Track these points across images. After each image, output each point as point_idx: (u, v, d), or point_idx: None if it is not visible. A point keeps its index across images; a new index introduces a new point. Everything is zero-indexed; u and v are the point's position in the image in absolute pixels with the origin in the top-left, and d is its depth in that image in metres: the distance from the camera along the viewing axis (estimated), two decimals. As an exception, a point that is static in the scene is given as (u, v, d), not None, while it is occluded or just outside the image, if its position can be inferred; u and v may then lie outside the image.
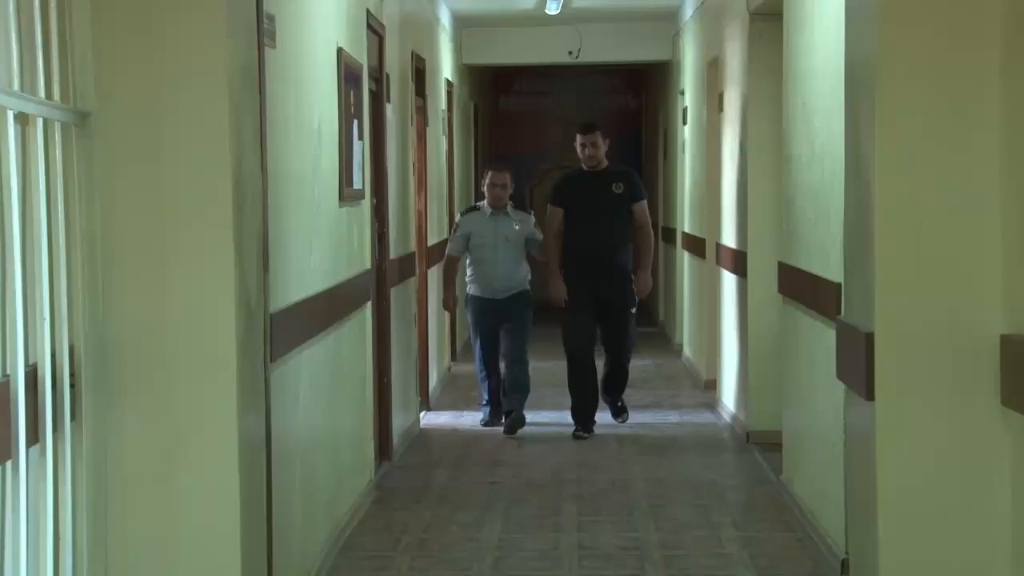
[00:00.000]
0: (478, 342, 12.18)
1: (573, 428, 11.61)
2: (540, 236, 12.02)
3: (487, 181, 12.05)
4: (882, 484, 4.67)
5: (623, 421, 12.00)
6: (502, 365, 12.27)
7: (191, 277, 4.57)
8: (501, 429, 11.79)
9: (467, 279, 12.21)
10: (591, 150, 11.47)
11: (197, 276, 4.58)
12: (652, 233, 12.36)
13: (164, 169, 4.53)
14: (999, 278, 4.54)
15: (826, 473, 7.56)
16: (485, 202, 12.05)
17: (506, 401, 11.99)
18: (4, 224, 3.68)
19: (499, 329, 11.96)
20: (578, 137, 11.57)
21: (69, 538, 4.07)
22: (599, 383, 11.98)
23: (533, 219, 12.10)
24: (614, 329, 11.82)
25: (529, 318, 11.99)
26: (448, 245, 12.44)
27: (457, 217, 12.97)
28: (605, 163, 11.63)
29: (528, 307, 11.98)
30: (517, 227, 11.83)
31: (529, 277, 11.95)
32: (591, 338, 11.73)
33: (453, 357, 16.17)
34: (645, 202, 11.81)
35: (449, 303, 12.67)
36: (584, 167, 11.68)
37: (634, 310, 11.85)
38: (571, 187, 11.81)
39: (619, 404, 12.10)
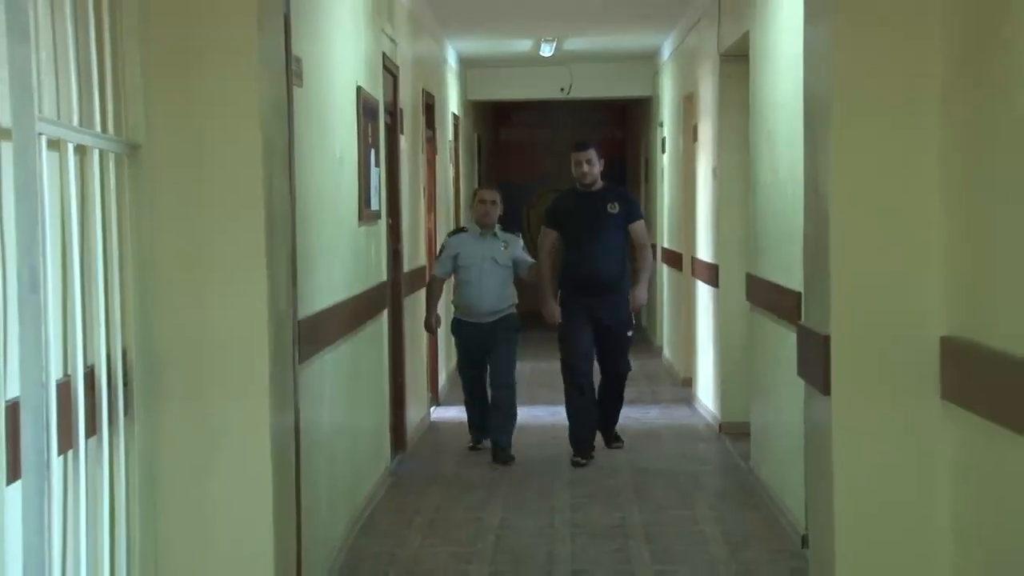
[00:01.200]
0: (464, 368, 10.76)
1: (571, 453, 10.07)
2: (529, 258, 10.52)
3: (476, 199, 10.63)
4: (837, 469, 4.69)
5: (618, 447, 10.48)
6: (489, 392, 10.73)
7: (228, 290, 4.57)
8: (483, 448, 10.45)
9: (452, 302, 10.85)
10: (586, 167, 10.01)
11: (233, 289, 4.58)
12: (651, 252, 11.02)
13: (204, 194, 4.54)
14: (940, 288, 4.56)
15: (789, 460, 7.58)
16: (473, 223, 10.62)
17: (495, 430, 10.35)
18: (65, 242, 3.69)
19: (486, 354, 10.34)
20: (573, 155, 10.20)
21: (123, 517, 4.09)
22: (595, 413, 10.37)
23: (521, 241, 10.53)
24: (610, 352, 10.28)
25: (516, 341, 10.44)
26: (434, 266, 10.89)
27: (443, 238, 11.27)
28: (600, 183, 10.16)
29: (515, 330, 10.40)
30: (504, 249, 10.25)
31: (515, 301, 10.42)
32: (589, 362, 10.25)
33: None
34: (643, 221, 10.39)
35: (431, 325, 10.88)
36: (578, 186, 10.21)
37: (631, 333, 10.38)
38: (565, 208, 10.25)
39: (613, 433, 10.57)
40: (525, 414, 10.99)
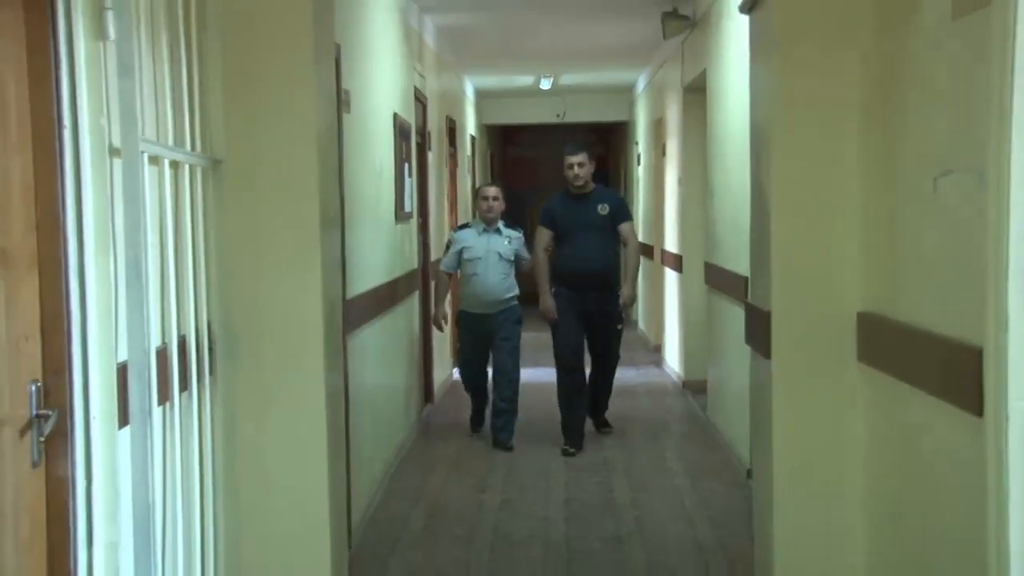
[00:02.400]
0: (467, 358, 9.32)
1: (562, 442, 8.69)
2: (528, 255, 9.11)
3: (479, 196, 9.28)
4: (775, 417, 4.71)
5: (607, 432, 9.12)
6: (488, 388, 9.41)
7: (290, 275, 4.55)
8: (481, 432, 9.24)
9: (458, 294, 9.36)
10: (578, 169, 8.63)
11: (294, 274, 4.56)
12: (639, 251, 9.38)
13: (271, 199, 4.51)
14: (857, 273, 4.56)
15: (737, 410, 7.61)
16: (477, 219, 9.17)
17: (498, 424, 8.92)
18: (162, 238, 3.70)
19: (489, 343, 8.95)
20: (565, 158, 8.75)
21: (208, 455, 4.12)
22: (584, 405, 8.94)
23: (523, 238, 9.10)
24: (601, 343, 8.93)
25: (519, 333, 8.98)
26: (442, 261, 9.36)
27: (449, 234, 9.74)
28: (592, 185, 8.77)
29: (518, 323, 8.97)
30: (508, 243, 8.87)
31: (518, 292, 8.97)
32: (580, 356, 8.79)
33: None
34: (631, 223, 8.96)
35: (439, 320, 9.29)
36: (571, 188, 8.77)
37: (620, 326, 8.98)
38: (558, 209, 8.80)
39: (602, 419, 9.24)
40: (528, 374, 9.86)
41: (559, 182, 8.70)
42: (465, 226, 9.25)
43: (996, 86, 3.06)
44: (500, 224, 8.94)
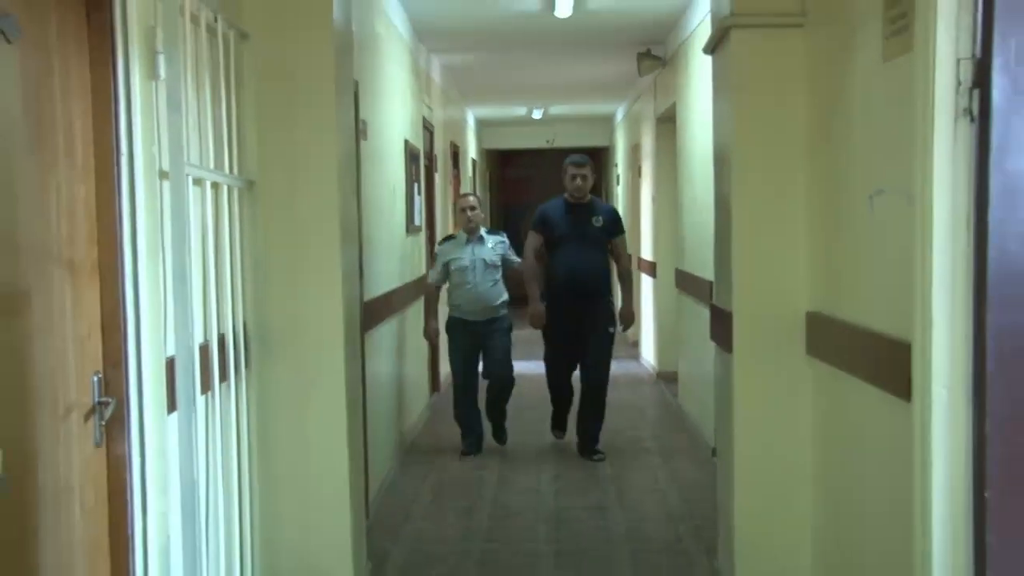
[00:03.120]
0: (459, 363, 8.01)
1: (552, 428, 8.27)
2: (515, 257, 8.15)
3: (457, 208, 8.30)
4: (736, 403, 4.72)
5: (599, 459, 7.65)
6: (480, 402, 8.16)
7: (315, 281, 4.53)
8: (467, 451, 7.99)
9: (448, 303, 8.07)
10: (581, 181, 7.69)
11: (318, 280, 4.54)
12: (630, 266, 8.24)
13: (298, 215, 4.50)
14: (805, 279, 4.56)
15: (703, 396, 7.63)
16: (460, 231, 8.06)
17: (494, 429, 8.23)
18: (204, 249, 3.68)
19: (478, 350, 7.96)
20: (570, 168, 7.75)
21: (245, 438, 4.12)
22: (577, 416, 7.92)
23: (506, 241, 8.08)
24: (590, 349, 7.70)
25: (510, 338, 8.02)
26: (429, 274, 8.25)
27: (435, 247, 8.44)
28: (589, 197, 7.82)
29: (509, 329, 7.99)
30: (492, 248, 7.91)
31: (507, 299, 7.97)
32: (571, 367, 7.89)
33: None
34: (624, 236, 7.92)
35: (431, 333, 8.13)
36: (568, 197, 7.76)
37: (612, 329, 7.81)
38: (554, 216, 7.76)
39: (594, 448, 7.76)
40: (521, 366, 8.84)
41: (550, 197, 8.48)
42: (449, 238, 8.23)
43: (919, 118, 3.07)
44: (482, 231, 7.98)
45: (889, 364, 3.47)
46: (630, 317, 7.95)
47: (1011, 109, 2.89)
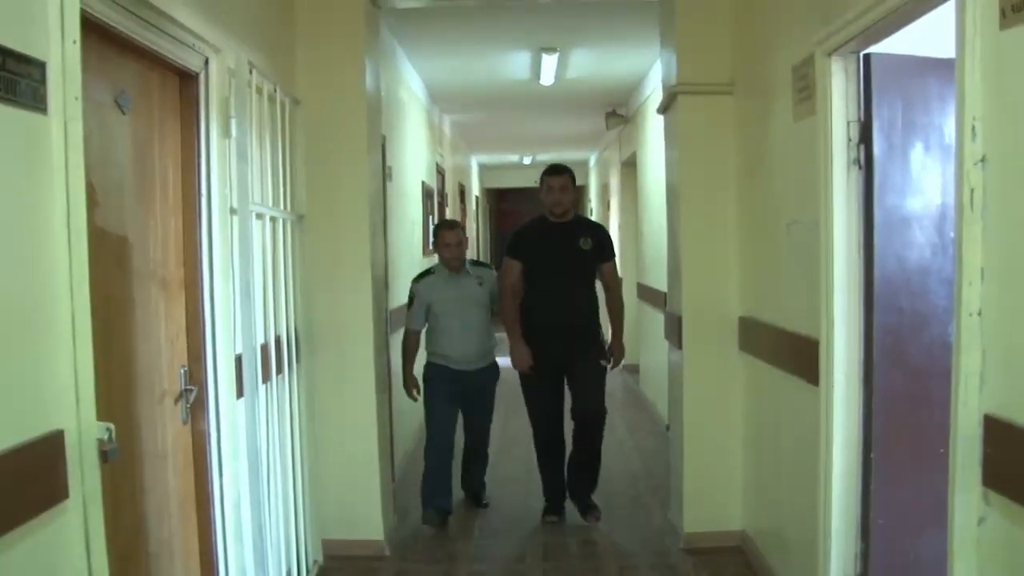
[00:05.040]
0: (438, 416, 5.30)
1: (544, 508, 5.39)
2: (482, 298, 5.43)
3: (440, 241, 5.32)
4: (685, 388, 4.70)
5: (595, 521, 5.23)
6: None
7: (350, 294, 4.54)
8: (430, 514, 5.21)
9: (428, 349, 5.44)
10: (559, 194, 5.11)
11: (354, 292, 4.55)
12: (622, 295, 5.50)
13: (338, 241, 4.51)
14: (737, 290, 4.55)
15: (659, 383, 7.56)
16: (440, 264, 5.35)
17: (471, 483, 5.74)
18: (264, 269, 3.65)
19: (461, 403, 5.41)
20: (546, 179, 5.20)
21: (297, 417, 4.07)
22: (565, 469, 5.37)
23: (495, 274, 5.43)
24: (581, 389, 5.12)
25: (495, 395, 5.54)
26: (406, 318, 5.42)
27: (411, 287, 5.46)
28: (572, 214, 5.22)
29: (497, 380, 5.51)
30: (480, 284, 5.34)
31: (496, 343, 5.45)
32: (559, 413, 5.27)
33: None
34: (614, 263, 5.33)
35: (410, 387, 5.40)
36: (548, 215, 5.19)
37: (605, 363, 5.13)
38: (533, 237, 5.21)
39: (589, 501, 5.32)
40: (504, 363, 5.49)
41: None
42: (427, 274, 5.39)
43: (821, 165, 3.15)
44: (467, 263, 5.37)
45: (801, 357, 3.50)
46: (621, 352, 5.21)
47: (887, 159, 3.00)
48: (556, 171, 5.21)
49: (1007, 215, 2.08)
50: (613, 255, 5.30)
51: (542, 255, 5.13)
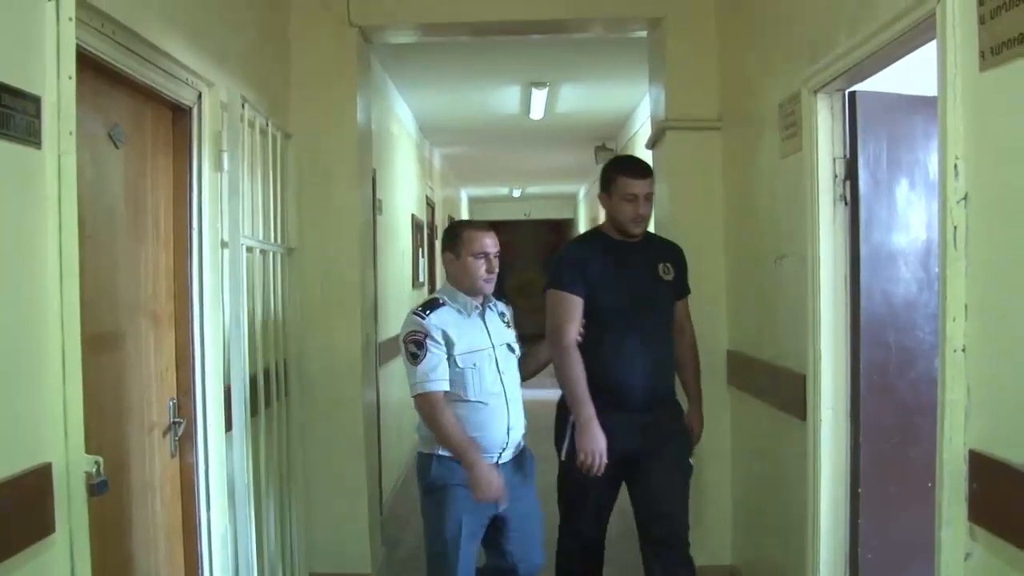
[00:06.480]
0: (459, 544, 3.03)
1: None
2: (517, 346, 3.29)
3: (467, 249, 3.21)
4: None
5: None
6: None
7: (339, 327, 4.53)
8: None
9: (425, 434, 3.23)
10: (643, 207, 3.36)
11: (344, 324, 4.54)
12: (696, 344, 3.71)
13: (328, 273, 4.50)
14: (725, 322, 4.52)
15: None
16: (454, 290, 3.21)
17: None
18: (253, 302, 3.62)
19: (495, 516, 3.14)
20: (623, 181, 3.35)
21: (286, 449, 4.05)
22: None
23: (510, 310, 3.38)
24: (666, 502, 3.32)
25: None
26: (413, 374, 3.06)
27: (413, 323, 3.09)
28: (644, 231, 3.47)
29: (534, 466, 3.34)
30: (508, 325, 3.28)
31: None
32: (606, 521, 3.51)
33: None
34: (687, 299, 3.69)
35: (491, 485, 2.98)
36: (614, 233, 3.43)
37: (691, 459, 3.51)
38: (599, 263, 3.36)
39: None
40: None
41: (528, 262, 6.30)
42: (435, 305, 3.22)
43: (808, 201, 3.18)
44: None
45: (789, 391, 3.50)
46: (700, 428, 3.68)
47: (872, 196, 3.04)
48: (641, 170, 3.42)
49: (990, 252, 2.11)
50: (689, 289, 3.68)
51: (613, 289, 3.38)
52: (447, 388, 3.12)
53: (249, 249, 3.58)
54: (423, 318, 3.15)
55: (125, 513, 2.78)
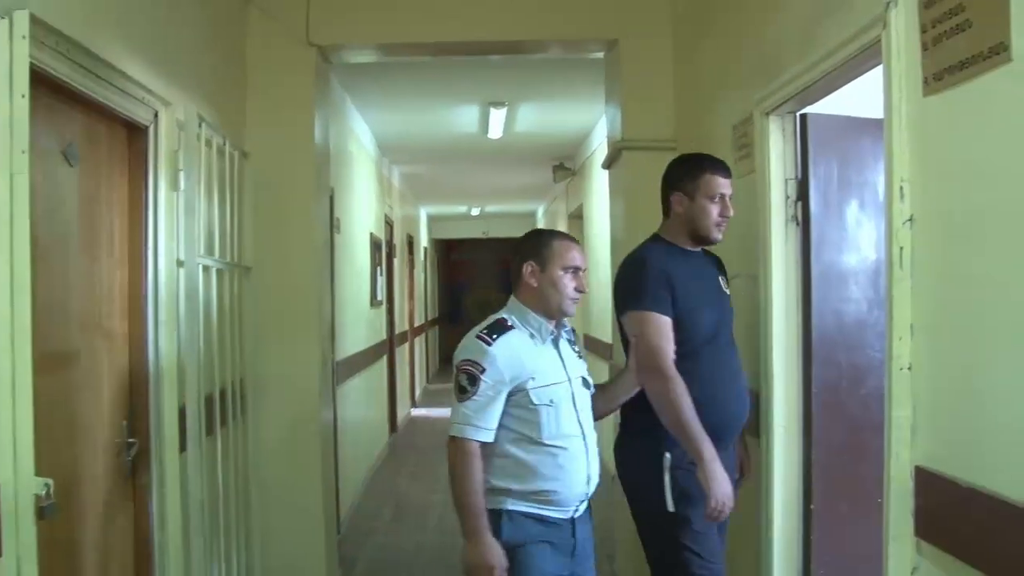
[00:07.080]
0: None
1: None
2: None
3: (562, 260, 2.69)
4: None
5: None
6: None
7: (296, 345, 4.51)
8: None
9: (497, 484, 2.55)
10: (730, 207, 2.90)
11: (300, 344, 4.53)
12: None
13: (284, 292, 4.49)
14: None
15: (608, 435, 7.66)
16: (530, 312, 2.64)
17: None
18: (209, 320, 3.61)
19: None
20: (717, 180, 2.87)
21: (242, 469, 4.04)
22: None
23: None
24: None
25: None
26: (456, 415, 2.55)
27: (470, 351, 2.56)
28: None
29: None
30: (580, 354, 2.80)
31: None
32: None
33: (427, 380, 15.55)
34: None
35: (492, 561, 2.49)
36: (701, 240, 2.94)
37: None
38: (685, 276, 2.84)
39: None
40: None
41: (487, 278, 6.86)
42: (504, 328, 2.65)
43: (761, 222, 3.22)
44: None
45: None
46: (749, 466, 3.26)
47: (823, 217, 3.09)
48: (728, 167, 2.99)
49: (934, 272, 2.16)
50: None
51: (703, 307, 2.93)
52: (490, 439, 2.56)
53: (205, 268, 3.56)
54: (488, 344, 2.59)
55: (77, 535, 2.74)
